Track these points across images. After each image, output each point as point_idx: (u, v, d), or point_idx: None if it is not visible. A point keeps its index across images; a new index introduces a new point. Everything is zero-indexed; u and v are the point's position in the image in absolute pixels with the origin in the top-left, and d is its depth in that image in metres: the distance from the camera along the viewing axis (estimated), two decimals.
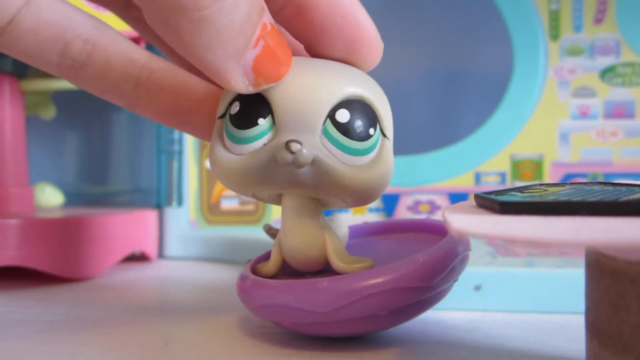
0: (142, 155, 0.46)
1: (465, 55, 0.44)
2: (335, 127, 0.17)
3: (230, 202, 0.37)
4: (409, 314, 0.18)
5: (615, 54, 0.34)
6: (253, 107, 0.17)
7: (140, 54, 0.19)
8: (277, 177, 0.17)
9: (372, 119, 0.17)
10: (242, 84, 0.16)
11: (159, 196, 0.37)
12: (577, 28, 0.34)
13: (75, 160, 0.47)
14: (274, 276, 0.19)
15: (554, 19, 0.34)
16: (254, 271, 0.20)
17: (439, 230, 0.21)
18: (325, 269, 0.19)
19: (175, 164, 0.37)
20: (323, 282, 0.17)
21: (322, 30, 0.17)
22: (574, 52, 0.34)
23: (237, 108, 0.17)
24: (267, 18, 0.16)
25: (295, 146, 0.16)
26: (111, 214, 0.31)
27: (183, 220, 0.37)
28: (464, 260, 0.18)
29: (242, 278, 0.19)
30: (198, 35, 0.15)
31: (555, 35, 0.35)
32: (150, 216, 0.35)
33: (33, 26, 0.17)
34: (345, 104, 0.17)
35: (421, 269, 0.17)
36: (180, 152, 0.37)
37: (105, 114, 0.46)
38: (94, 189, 0.46)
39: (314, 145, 0.16)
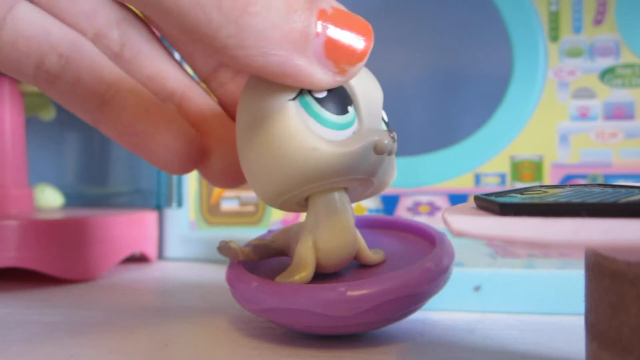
0: None
1: (465, 56, 0.44)
2: (384, 123, 0.18)
3: (230, 203, 0.37)
4: (411, 313, 0.19)
5: (615, 55, 0.34)
6: (339, 93, 0.17)
7: (111, 74, 0.19)
8: (367, 165, 0.17)
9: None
10: (327, 77, 0.15)
11: (158, 197, 0.37)
12: (577, 29, 0.34)
13: (75, 161, 0.47)
14: (249, 266, 0.20)
15: (554, 20, 0.35)
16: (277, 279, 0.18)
17: (427, 236, 0.21)
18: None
19: None
20: (341, 287, 0.17)
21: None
22: (573, 53, 0.34)
23: (324, 92, 0.16)
24: (324, 4, 0.15)
25: (395, 135, 0.17)
26: (111, 215, 0.31)
27: (183, 222, 0.37)
28: (453, 259, 0.19)
29: (240, 278, 0.19)
30: (246, 48, 0.14)
31: (554, 36, 0.35)
32: (150, 217, 0.35)
33: (11, 39, 0.17)
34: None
35: (427, 275, 0.17)
36: None
37: None
38: (94, 190, 0.46)
39: None
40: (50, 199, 0.40)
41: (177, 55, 0.22)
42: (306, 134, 0.16)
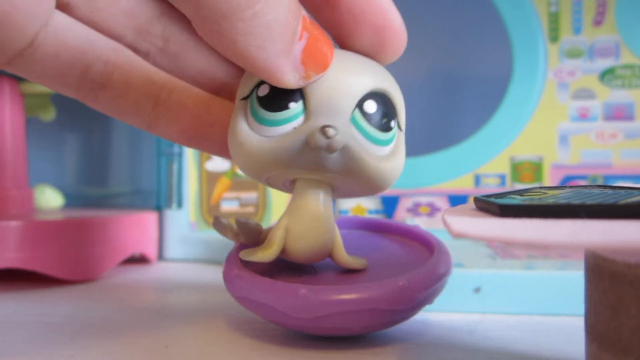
0: (142, 157, 0.46)
1: (465, 57, 0.44)
2: (363, 117, 0.17)
3: (230, 203, 0.37)
4: (379, 329, 0.19)
5: (614, 56, 0.34)
6: (284, 91, 0.17)
7: (158, 75, 0.19)
8: (305, 160, 0.17)
9: (393, 111, 0.18)
10: (294, 79, 0.16)
11: (158, 198, 0.37)
12: (577, 30, 0.34)
13: (75, 162, 0.47)
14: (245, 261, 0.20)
15: (554, 21, 0.35)
16: (241, 254, 0.19)
17: (428, 243, 0.21)
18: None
19: (175, 166, 0.37)
20: (302, 289, 0.17)
21: (350, 18, 0.17)
22: (573, 54, 0.34)
23: (267, 91, 0.17)
24: (304, 11, 0.16)
25: (331, 131, 0.16)
26: (111, 216, 0.31)
27: (183, 222, 0.37)
28: (443, 285, 0.19)
29: (229, 267, 0.19)
30: (251, 34, 0.15)
31: (554, 37, 0.35)
32: (150, 218, 0.35)
33: (53, 50, 0.17)
34: (372, 95, 0.17)
35: (397, 294, 0.17)
36: (180, 154, 0.37)
37: (106, 116, 0.46)
38: (94, 190, 0.46)
39: (345, 132, 0.17)
40: (50, 199, 0.40)
41: None
42: (241, 130, 0.17)
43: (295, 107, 0.17)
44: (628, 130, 0.34)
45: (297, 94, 0.17)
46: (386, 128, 0.18)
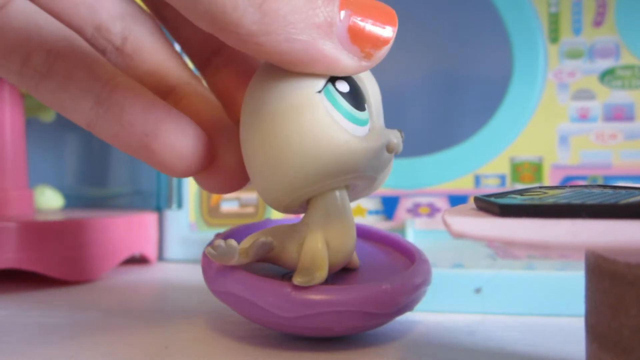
0: None
1: (465, 57, 0.44)
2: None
3: (230, 204, 0.37)
4: (364, 330, 0.18)
5: (614, 57, 0.34)
6: (358, 90, 0.17)
7: (103, 70, 0.17)
8: (379, 163, 0.17)
9: None
10: (351, 61, 0.15)
11: (158, 199, 0.37)
12: (577, 31, 0.34)
13: (75, 162, 0.47)
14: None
15: (554, 21, 0.35)
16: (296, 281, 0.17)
17: (409, 253, 0.21)
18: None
19: None
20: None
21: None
22: (573, 54, 0.34)
23: (347, 87, 0.16)
24: None
25: (403, 134, 0.17)
26: (111, 217, 0.31)
27: (183, 223, 0.37)
28: (424, 293, 0.19)
29: (208, 261, 0.18)
30: (270, 32, 0.14)
31: (554, 38, 0.35)
32: (150, 219, 0.35)
33: None
34: None
35: (381, 297, 0.17)
36: None
37: None
38: (94, 191, 0.46)
39: None
40: (50, 200, 0.40)
41: (177, 47, 0.21)
42: (336, 126, 0.16)
43: (367, 108, 0.17)
44: (628, 131, 0.34)
45: (364, 95, 0.17)
46: None
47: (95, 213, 0.34)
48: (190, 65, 0.21)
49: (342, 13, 0.15)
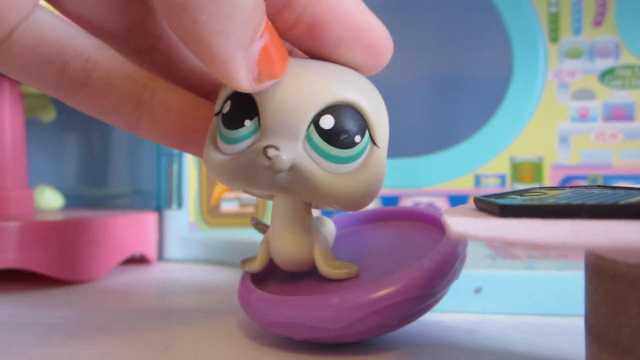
0: (142, 158, 0.46)
1: (465, 57, 0.44)
2: (318, 134, 0.16)
3: (230, 204, 0.37)
4: (416, 317, 0.18)
5: (614, 57, 0.34)
6: (242, 107, 0.17)
7: (141, 74, 0.18)
8: (259, 179, 0.17)
9: (361, 126, 0.17)
10: (246, 80, 0.15)
11: (158, 199, 0.37)
12: (577, 30, 0.34)
13: (75, 162, 0.47)
14: (260, 275, 0.20)
15: (554, 21, 0.35)
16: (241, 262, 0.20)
17: (433, 220, 0.21)
18: (311, 271, 0.19)
19: (175, 167, 0.37)
20: (334, 298, 0.16)
21: (338, 43, 0.17)
22: (573, 54, 0.34)
23: (228, 107, 0.17)
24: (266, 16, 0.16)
25: (272, 152, 0.16)
26: (111, 217, 0.31)
27: (183, 223, 0.37)
28: (463, 260, 0.18)
29: (246, 290, 0.19)
30: (215, 17, 0.14)
31: (554, 37, 0.35)
32: (150, 218, 0.35)
33: (32, 44, 0.16)
34: (332, 109, 0.16)
35: (426, 276, 0.17)
36: (180, 155, 0.37)
37: None
38: (94, 191, 0.46)
39: (295, 150, 0.16)
40: (50, 200, 0.40)
41: None
42: (206, 148, 0.18)
43: (250, 124, 0.17)
44: (628, 131, 0.34)
45: (253, 110, 0.17)
46: (348, 144, 0.16)
47: (96, 213, 0.34)
48: None
49: (264, 34, 0.15)
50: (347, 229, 0.23)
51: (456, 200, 0.35)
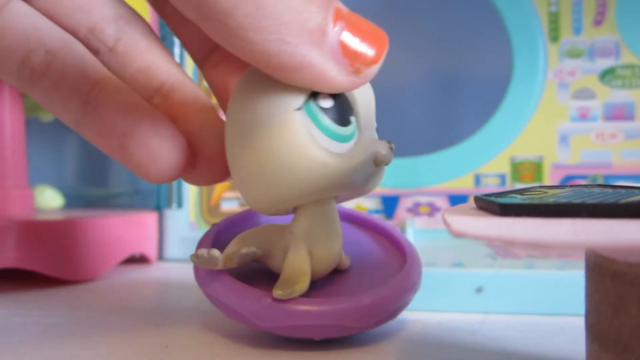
0: None
1: (465, 57, 0.44)
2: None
3: (230, 204, 0.37)
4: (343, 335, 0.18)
5: (614, 56, 0.34)
6: (343, 103, 0.16)
7: (97, 72, 0.18)
8: (364, 175, 0.17)
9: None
10: (339, 75, 0.14)
11: (158, 198, 0.37)
12: (577, 30, 0.34)
13: (75, 162, 0.47)
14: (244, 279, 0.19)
15: (554, 21, 0.35)
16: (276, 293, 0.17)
17: (402, 252, 0.21)
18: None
19: None
20: (365, 299, 0.17)
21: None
22: (573, 54, 0.34)
23: (331, 102, 0.16)
24: (339, 4, 0.15)
25: (393, 145, 0.16)
26: (111, 216, 0.31)
27: (183, 222, 0.37)
28: (407, 302, 0.19)
29: (250, 297, 0.17)
30: (261, 29, 0.13)
31: (554, 37, 0.35)
32: (150, 218, 0.35)
33: None
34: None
35: (363, 310, 0.17)
36: None
37: None
38: (94, 191, 0.46)
39: None
40: (50, 200, 0.40)
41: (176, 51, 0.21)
42: (314, 147, 0.15)
43: (353, 121, 0.16)
44: (628, 130, 0.34)
45: (350, 107, 0.16)
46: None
47: (95, 213, 0.34)
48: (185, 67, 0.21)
49: (337, 22, 0.14)
50: None
51: (456, 199, 0.35)
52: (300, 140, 0.15)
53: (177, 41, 0.35)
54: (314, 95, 0.16)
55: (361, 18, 0.15)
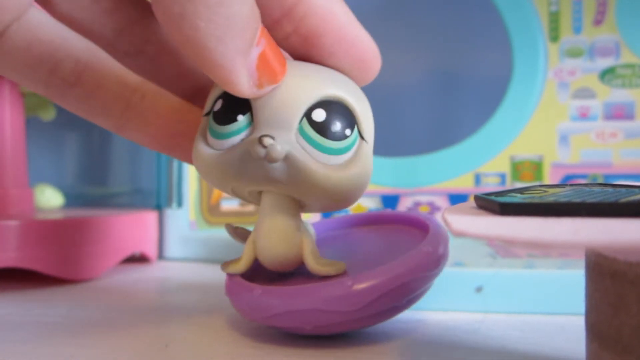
0: (141, 157, 0.46)
1: (465, 56, 0.44)
2: (310, 126, 0.17)
3: (230, 203, 0.37)
4: (419, 298, 0.19)
5: (615, 56, 0.34)
6: (234, 104, 0.17)
7: (131, 77, 0.19)
8: (252, 172, 0.17)
9: (350, 120, 0.18)
10: (247, 85, 0.16)
11: (158, 197, 0.37)
12: (577, 29, 0.34)
13: (75, 161, 0.47)
14: (246, 277, 0.19)
15: (554, 20, 0.35)
16: (221, 266, 0.20)
17: (414, 221, 0.21)
18: (296, 271, 0.19)
19: (175, 165, 0.37)
20: (348, 281, 0.17)
21: (330, 54, 0.18)
22: (573, 53, 0.34)
23: (220, 105, 0.18)
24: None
25: (267, 140, 0.16)
26: (111, 216, 0.31)
27: (183, 222, 0.37)
28: (449, 242, 0.19)
29: (244, 287, 0.19)
30: (213, 22, 0.14)
31: (554, 36, 0.35)
32: (150, 217, 0.35)
33: (24, 43, 0.17)
34: (323, 104, 0.17)
35: (428, 258, 0.18)
36: None
37: None
38: (94, 190, 0.46)
39: (289, 141, 0.17)
40: (50, 199, 0.40)
41: None
42: (197, 145, 0.18)
43: (243, 119, 0.17)
44: (628, 130, 0.34)
45: (245, 106, 0.17)
46: (339, 137, 0.17)
47: (95, 212, 0.34)
48: None
49: (260, 41, 0.16)
50: (333, 232, 0.23)
51: (456, 199, 0.35)
52: (196, 139, 0.18)
53: None
54: (216, 100, 0.18)
55: (272, 39, 0.17)
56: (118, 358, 0.17)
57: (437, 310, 0.22)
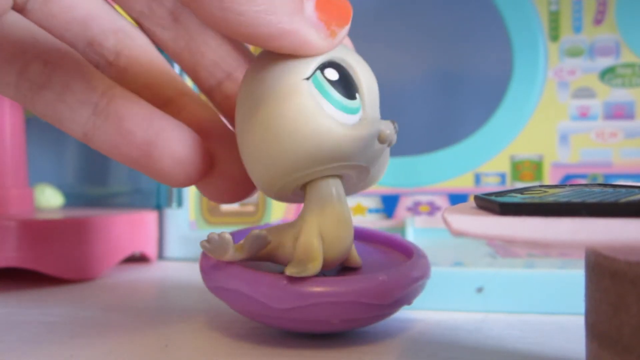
0: None
1: (465, 56, 0.44)
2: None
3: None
4: (361, 324, 0.18)
5: (615, 55, 0.34)
6: (348, 79, 0.17)
7: (103, 82, 0.17)
8: (369, 153, 0.17)
9: None
10: (319, 39, 0.15)
11: (158, 197, 0.37)
12: (577, 29, 0.34)
13: (75, 161, 0.47)
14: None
15: (554, 20, 0.34)
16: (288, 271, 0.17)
17: (406, 250, 0.21)
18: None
19: None
20: (382, 276, 0.17)
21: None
22: (573, 53, 0.34)
23: (337, 76, 0.17)
24: None
25: (397, 126, 0.17)
26: (111, 215, 0.31)
27: (183, 222, 0.37)
28: (422, 286, 0.19)
29: (266, 281, 0.17)
30: (254, 1, 0.14)
31: (555, 36, 0.35)
32: (150, 217, 0.35)
33: None
34: None
35: (379, 288, 0.17)
36: None
37: None
38: (94, 190, 0.46)
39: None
40: (50, 199, 0.40)
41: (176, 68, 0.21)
42: (321, 115, 0.16)
43: (358, 97, 0.17)
44: (628, 129, 0.34)
45: (355, 84, 0.17)
46: None
47: (96, 212, 0.34)
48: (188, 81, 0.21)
49: None
50: None
51: (456, 198, 0.35)
52: (307, 106, 0.16)
53: None
54: (322, 67, 0.16)
55: None
56: (118, 358, 0.17)
57: (437, 309, 0.22)
